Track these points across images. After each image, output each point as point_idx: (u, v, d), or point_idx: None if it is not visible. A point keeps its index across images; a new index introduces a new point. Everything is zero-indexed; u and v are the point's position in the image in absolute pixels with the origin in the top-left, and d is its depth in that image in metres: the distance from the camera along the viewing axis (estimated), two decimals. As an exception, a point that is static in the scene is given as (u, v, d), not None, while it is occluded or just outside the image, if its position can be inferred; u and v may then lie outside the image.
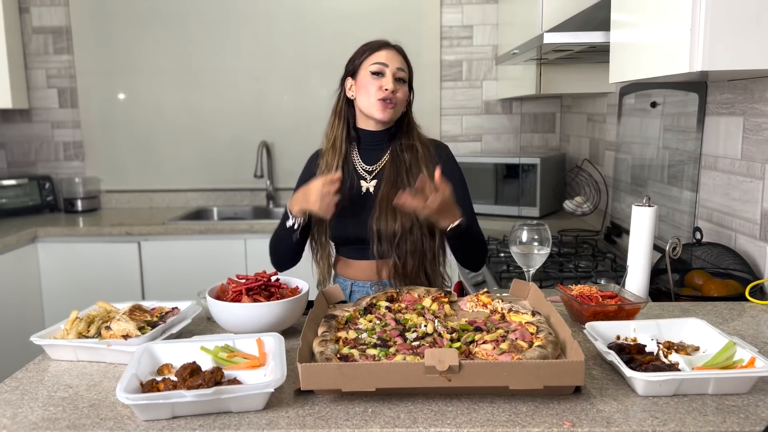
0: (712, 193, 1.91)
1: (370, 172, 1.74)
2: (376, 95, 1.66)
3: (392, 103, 1.67)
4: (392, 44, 1.72)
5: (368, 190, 1.73)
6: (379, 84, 1.66)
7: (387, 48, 1.70)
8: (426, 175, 1.53)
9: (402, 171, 1.69)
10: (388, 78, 1.66)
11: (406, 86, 1.72)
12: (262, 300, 1.32)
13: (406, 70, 1.71)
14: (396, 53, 1.70)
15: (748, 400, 1.01)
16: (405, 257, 1.66)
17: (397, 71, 1.67)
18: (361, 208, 1.70)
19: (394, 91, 1.66)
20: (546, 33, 1.94)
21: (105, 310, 1.34)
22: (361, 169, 1.75)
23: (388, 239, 1.65)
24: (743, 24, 1.31)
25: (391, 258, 1.67)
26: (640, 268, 1.58)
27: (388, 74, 1.66)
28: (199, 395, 0.96)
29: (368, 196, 1.72)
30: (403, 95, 1.70)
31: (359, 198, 1.72)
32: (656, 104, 2.26)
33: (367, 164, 1.76)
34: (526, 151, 3.57)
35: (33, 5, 3.51)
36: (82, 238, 3.10)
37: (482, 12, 3.52)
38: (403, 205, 1.50)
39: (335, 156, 1.73)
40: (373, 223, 1.66)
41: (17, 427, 0.98)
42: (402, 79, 1.69)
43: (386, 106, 1.66)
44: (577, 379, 1.00)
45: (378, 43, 1.71)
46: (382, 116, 1.67)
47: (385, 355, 1.10)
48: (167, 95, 3.59)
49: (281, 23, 3.53)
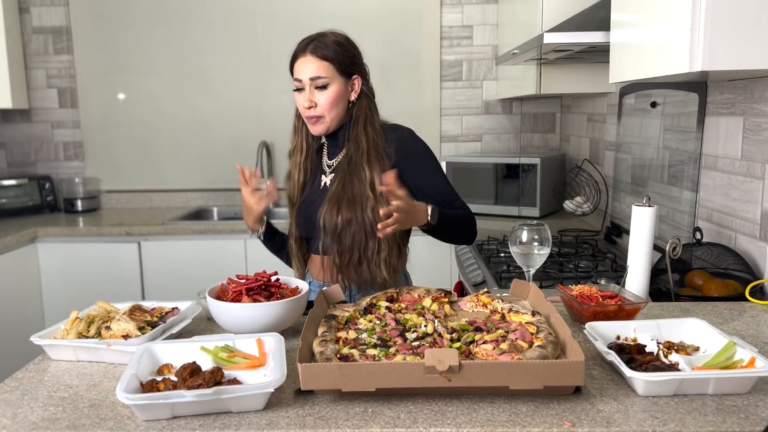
0: (712, 193, 1.91)
1: (330, 167, 1.75)
2: (302, 113, 1.67)
3: (315, 118, 1.64)
4: (309, 46, 1.62)
5: (325, 184, 1.73)
6: (300, 102, 1.64)
7: (302, 56, 1.63)
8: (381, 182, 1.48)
9: (344, 164, 1.68)
10: (305, 94, 1.62)
11: (331, 89, 1.62)
12: (262, 300, 1.32)
13: (326, 71, 1.61)
14: (311, 57, 1.61)
15: (748, 400, 1.01)
16: (344, 252, 1.64)
17: (313, 81, 1.61)
18: (314, 202, 1.71)
19: (312, 105, 1.62)
20: (546, 33, 1.94)
21: (105, 310, 1.34)
22: (325, 165, 1.76)
23: (331, 232, 1.64)
24: (743, 24, 1.31)
25: (332, 253, 1.66)
26: (640, 268, 1.58)
27: (305, 89, 1.62)
28: (199, 395, 0.96)
29: (324, 190, 1.72)
30: (327, 102, 1.62)
31: (318, 193, 1.73)
32: (656, 104, 2.26)
33: (330, 159, 1.76)
34: (526, 151, 3.57)
35: (33, 5, 3.51)
36: (82, 238, 3.10)
37: (482, 12, 3.52)
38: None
39: (300, 155, 1.75)
40: (320, 217, 1.65)
41: (17, 427, 0.98)
42: (322, 86, 1.61)
43: (313, 122, 1.66)
44: (577, 379, 1.00)
45: (295, 50, 1.65)
46: (313, 132, 1.69)
47: (385, 355, 1.10)
48: (167, 95, 3.59)
49: (281, 23, 3.53)
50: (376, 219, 1.55)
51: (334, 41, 1.64)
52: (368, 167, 1.63)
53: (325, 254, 1.69)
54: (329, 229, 1.64)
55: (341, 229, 1.62)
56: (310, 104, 1.62)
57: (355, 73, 1.67)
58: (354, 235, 1.62)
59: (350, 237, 1.62)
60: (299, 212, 1.75)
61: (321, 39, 1.63)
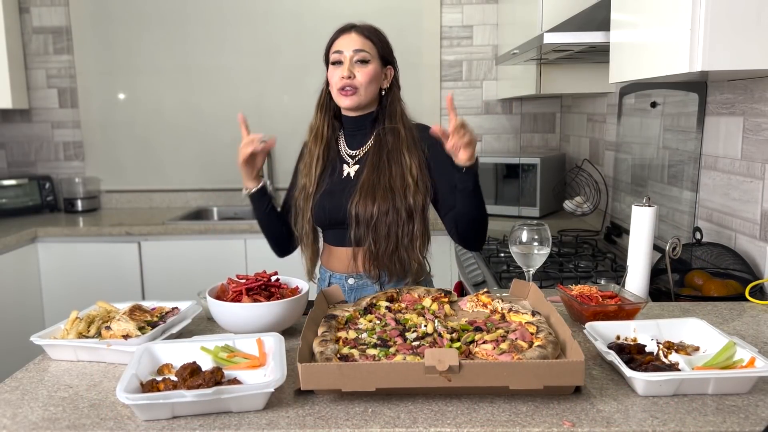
0: (712, 193, 1.91)
1: (353, 157, 1.74)
2: (335, 85, 1.66)
3: (351, 89, 1.65)
4: (356, 27, 1.69)
5: (349, 174, 1.72)
6: (339, 73, 1.65)
7: (346, 33, 1.68)
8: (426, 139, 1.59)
9: (383, 155, 1.68)
10: (344, 65, 1.64)
11: (370, 66, 1.66)
12: (262, 300, 1.32)
13: (370, 48, 1.66)
14: (355, 35, 1.67)
15: (748, 400, 1.01)
16: (379, 241, 1.64)
17: (355, 53, 1.64)
18: (340, 192, 1.70)
19: (351, 76, 1.64)
20: (546, 33, 1.94)
21: (105, 310, 1.34)
22: (345, 154, 1.76)
23: (365, 223, 1.64)
24: (743, 24, 1.31)
25: (366, 243, 1.66)
26: (640, 268, 1.58)
27: (345, 61, 1.64)
28: (199, 395, 0.96)
29: (348, 181, 1.71)
30: (365, 76, 1.65)
31: (339, 182, 1.72)
32: (656, 104, 2.26)
33: (351, 149, 1.76)
34: (526, 151, 3.57)
35: (33, 5, 3.51)
36: (82, 238, 3.10)
37: (482, 12, 3.52)
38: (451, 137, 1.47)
39: (317, 145, 1.74)
40: (352, 207, 1.65)
41: (17, 427, 0.98)
42: (363, 60, 1.65)
43: (345, 94, 1.65)
44: (577, 379, 1.00)
45: (337, 31, 1.70)
46: (343, 104, 1.67)
47: (385, 355, 1.10)
48: (167, 95, 3.59)
49: (281, 23, 3.53)
50: (415, 204, 1.63)
51: (376, 28, 1.72)
52: (408, 154, 1.66)
53: (357, 245, 1.67)
54: (363, 219, 1.64)
55: (377, 218, 1.63)
56: (349, 74, 1.64)
57: (390, 63, 1.73)
58: (390, 225, 1.64)
59: (386, 226, 1.63)
60: (319, 203, 1.71)
61: (363, 24, 1.72)
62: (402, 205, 1.63)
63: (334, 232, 1.74)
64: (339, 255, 1.75)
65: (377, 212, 1.62)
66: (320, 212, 1.71)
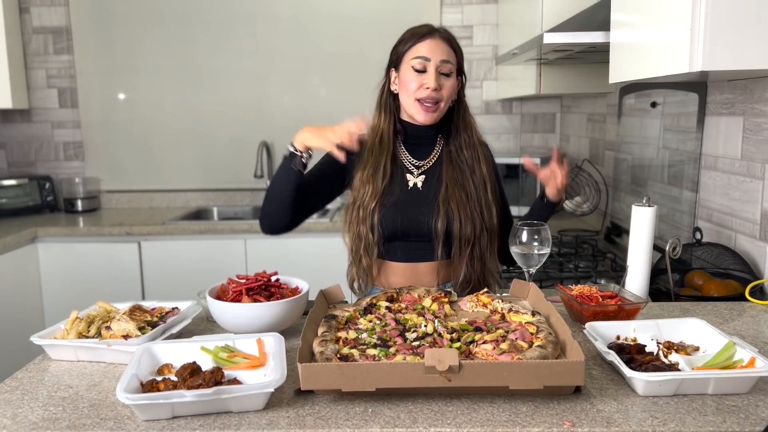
0: (712, 193, 1.91)
1: (418, 167, 1.65)
2: (416, 94, 1.56)
3: (434, 104, 1.56)
4: (438, 31, 1.59)
5: (415, 185, 1.64)
6: (420, 81, 1.54)
7: (431, 37, 1.56)
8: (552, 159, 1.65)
9: (465, 171, 1.62)
10: (430, 74, 1.54)
11: (453, 78, 1.58)
12: (262, 300, 1.32)
13: (454, 60, 1.58)
14: (441, 42, 1.56)
15: (748, 400, 1.01)
16: (474, 261, 1.60)
17: (442, 65, 1.55)
18: (406, 203, 1.62)
19: (437, 88, 1.54)
20: (546, 33, 1.94)
21: (105, 310, 1.34)
22: (408, 163, 1.66)
23: (461, 241, 1.58)
24: (743, 24, 1.31)
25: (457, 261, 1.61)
26: (640, 268, 1.58)
27: (430, 70, 1.54)
28: (199, 395, 0.96)
29: (415, 191, 1.63)
30: (449, 91, 1.57)
31: (407, 192, 1.63)
32: (656, 104, 2.26)
33: (415, 158, 1.66)
34: (526, 151, 3.57)
35: (33, 5, 3.51)
36: (82, 238, 3.10)
37: (482, 12, 3.52)
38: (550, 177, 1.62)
39: (383, 152, 1.62)
40: (439, 224, 1.57)
41: (17, 427, 0.98)
42: (448, 73, 1.56)
43: (428, 109, 1.56)
44: (577, 379, 1.00)
45: (422, 32, 1.58)
46: (422, 119, 1.58)
47: (385, 355, 1.10)
48: (167, 95, 3.59)
49: (281, 23, 3.53)
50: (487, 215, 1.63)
51: (453, 35, 1.62)
52: (487, 171, 1.65)
53: (439, 259, 1.61)
54: (457, 236, 1.58)
55: (474, 236, 1.59)
56: (437, 85, 1.54)
57: (461, 74, 1.65)
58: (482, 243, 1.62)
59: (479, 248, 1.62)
60: (389, 215, 1.59)
61: (442, 27, 1.62)
62: (488, 221, 1.62)
63: (398, 242, 1.63)
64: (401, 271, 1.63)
65: (462, 221, 1.58)
66: (389, 220, 1.60)
